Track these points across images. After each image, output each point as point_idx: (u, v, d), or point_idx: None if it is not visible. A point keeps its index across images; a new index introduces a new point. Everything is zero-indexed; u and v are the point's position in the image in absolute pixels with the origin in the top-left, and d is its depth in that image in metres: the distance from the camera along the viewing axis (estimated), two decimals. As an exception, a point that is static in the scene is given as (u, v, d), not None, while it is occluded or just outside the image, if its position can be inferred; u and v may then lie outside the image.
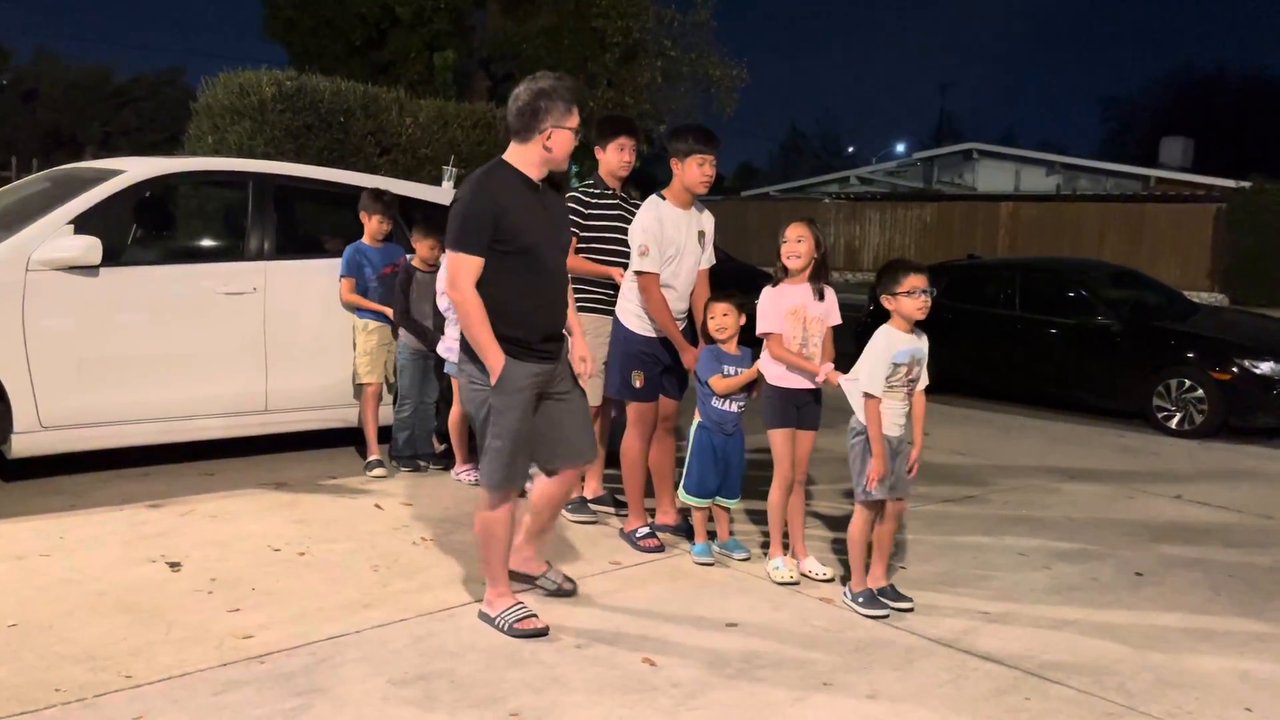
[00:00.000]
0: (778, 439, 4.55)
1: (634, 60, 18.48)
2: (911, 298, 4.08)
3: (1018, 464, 7.13)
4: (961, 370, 9.82)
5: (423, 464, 6.28)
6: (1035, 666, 3.71)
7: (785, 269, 4.53)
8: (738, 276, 9.00)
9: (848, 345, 5.18)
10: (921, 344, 4.20)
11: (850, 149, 61.50)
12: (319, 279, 6.24)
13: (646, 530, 4.96)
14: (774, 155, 63.39)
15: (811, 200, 30.60)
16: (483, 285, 3.65)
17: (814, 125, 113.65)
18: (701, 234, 5.00)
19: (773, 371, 4.53)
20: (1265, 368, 8.36)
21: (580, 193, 5.24)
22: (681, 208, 4.88)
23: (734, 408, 4.69)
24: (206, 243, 6.70)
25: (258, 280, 6.00)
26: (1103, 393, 9.21)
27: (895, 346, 4.10)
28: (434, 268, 6.11)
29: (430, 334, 6.06)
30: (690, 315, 5.04)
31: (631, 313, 4.92)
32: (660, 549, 4.86)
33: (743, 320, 4.71)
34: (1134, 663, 3.79)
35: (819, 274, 4.56)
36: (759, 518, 5.14)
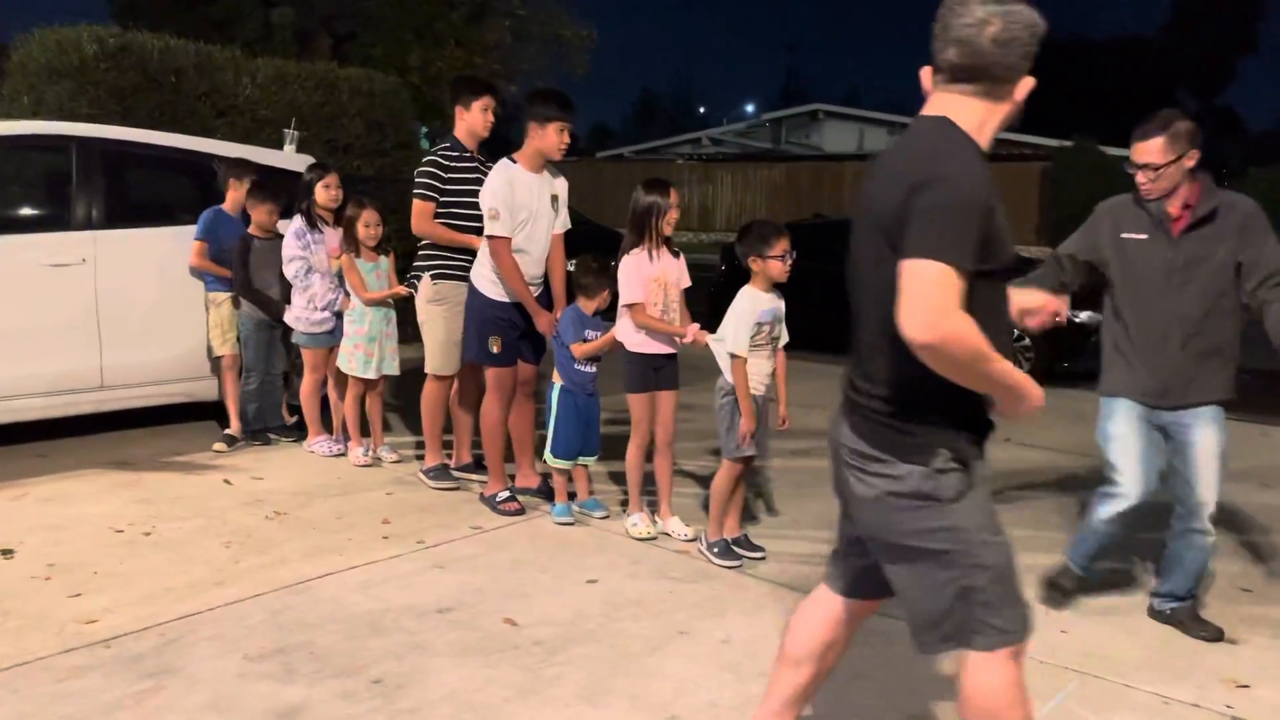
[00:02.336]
0: (637, 403, 4.62)
1: (482, 20, 18.16)
2: (781, 261, 4.17)
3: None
4: (811, 326, 10.14)
5: (273, 436, 6.12)
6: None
7: (652, 235, 4.53)
8: (593, 239, 9.05)
9: (702, 305, 5.30)
10: (780, 303, 4.33)
11: (701, 110, 62.10)
12: (155, 248, 5.98)
13: (507, 494, 4.99)
14: (627, 117, 63.50)
15: (665, 161, 30.80)
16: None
17: (666, 86, 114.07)
18: (554, 198, 4.97)
19: (632, 339, 4.57)
20: (1084, 316, 8.96)
21: (438, 156, 5.13)
22: (534, 171, 4.82)
23: (592, 369, 4.78)
24: (27, 212, 6.29)
25: (86, 251, 5.70)
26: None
27: (759, 307, 4.20)
28: (272, 235, 5.93)
29: (274, 303, 5.90)
30: (547, 280, 5.03)
31: (486, 278, 4.87)
32: (520, 512, 4.90)
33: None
34: (966, 595, 4.06)
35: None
36: (618, 478, 5.24)
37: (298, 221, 5.78)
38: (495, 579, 4.10)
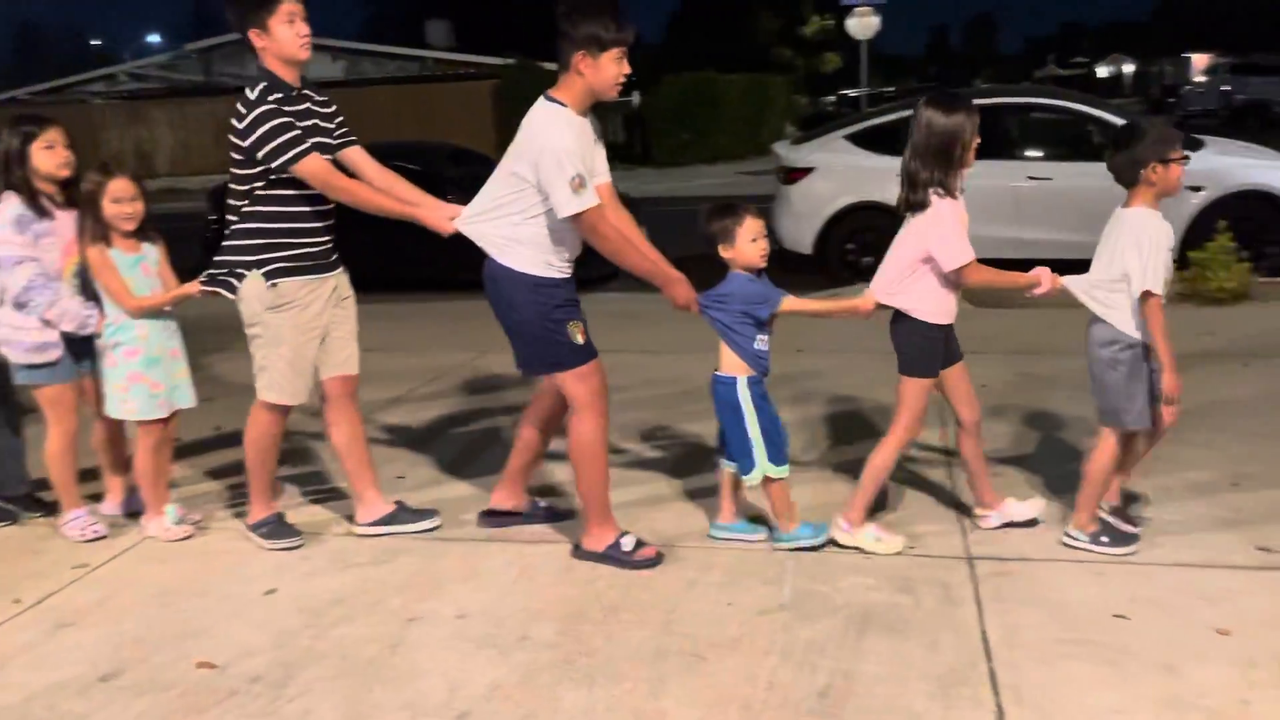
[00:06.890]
0: (919, 390, 3.60)
1: None
2: (1181, 165, 3.38)
3: (488, 355, 7.27)
4: (361, 268, 9.46)
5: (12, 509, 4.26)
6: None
7: (959, 170, 3.48)
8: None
9: (186, 260, 4.39)
10: None
11: (97, 42, 55.32)
12: None
13: (634, 540, 3.69)
14: (3, 56, 54.35)
15: (76, 102, 27.01)
16: None
17: (47, 19, 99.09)
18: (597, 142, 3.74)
19: (932, 307, 3.55)
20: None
21: (273, 104, 3.58)
22: (582, 115, 3.57)
23: (767, 345, 3.70)
24: None
25: None
26: (464, 268, 9.47)
27: (1166, 228, 3.40)
28: None
29: None
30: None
31: (534, 257, 3.55)
32: (655, 561, 3.64)
33: None
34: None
35: None
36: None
37: (14, 203, 3.88)
38: (151, 621, 3.37)
